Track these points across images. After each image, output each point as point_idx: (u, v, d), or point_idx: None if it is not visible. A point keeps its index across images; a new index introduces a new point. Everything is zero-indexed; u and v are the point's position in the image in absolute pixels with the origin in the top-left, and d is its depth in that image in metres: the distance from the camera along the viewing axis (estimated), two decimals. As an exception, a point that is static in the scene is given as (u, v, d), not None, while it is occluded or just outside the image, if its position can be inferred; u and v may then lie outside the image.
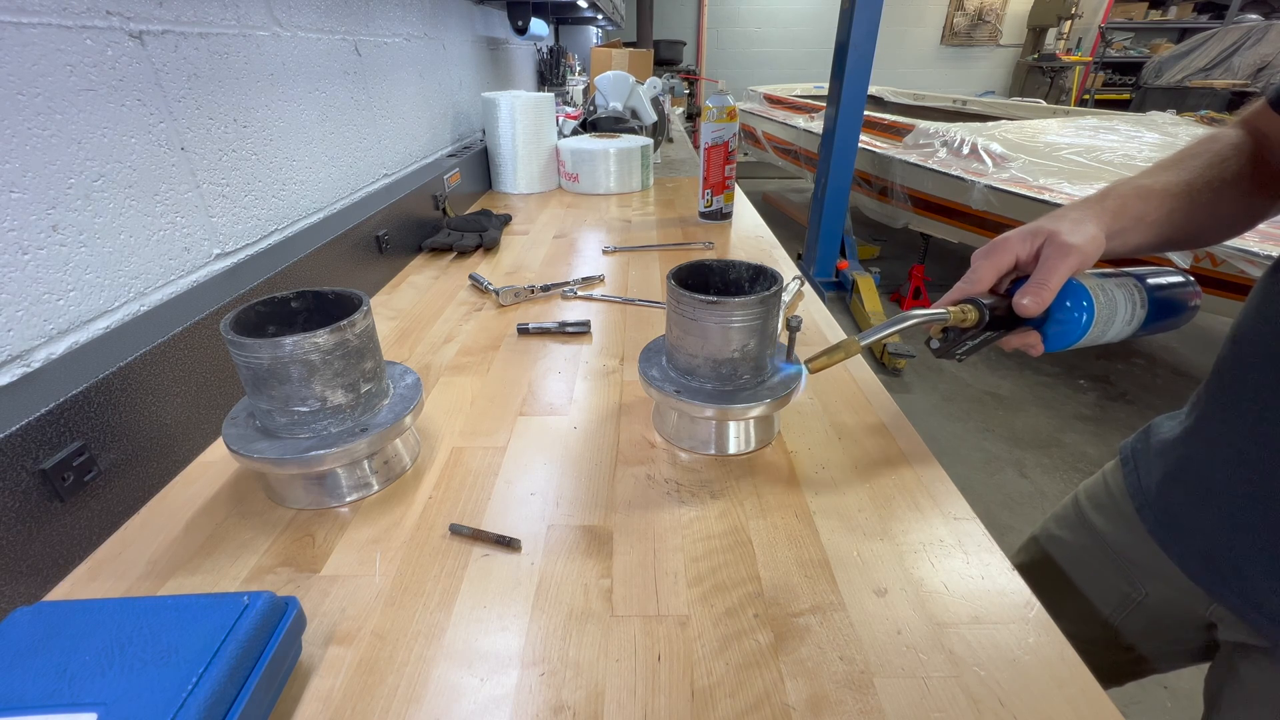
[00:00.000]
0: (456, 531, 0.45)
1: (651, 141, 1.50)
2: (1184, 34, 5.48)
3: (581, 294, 0.86)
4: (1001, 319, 0.47)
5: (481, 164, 1.43)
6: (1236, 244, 1.66)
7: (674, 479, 0.50)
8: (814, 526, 0.45)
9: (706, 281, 0.55)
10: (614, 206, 1.32)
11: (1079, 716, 0.32)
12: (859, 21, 2.26)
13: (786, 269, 0.92)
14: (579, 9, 2.28)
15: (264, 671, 0.31)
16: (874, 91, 4.33)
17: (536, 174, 1.44)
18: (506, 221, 1.19)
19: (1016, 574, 0.41)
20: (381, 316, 0.80)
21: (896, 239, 3.83)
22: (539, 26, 1.99)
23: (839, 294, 2.99)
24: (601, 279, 0.92)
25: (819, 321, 0.78)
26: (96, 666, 0.29)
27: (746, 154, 4.62)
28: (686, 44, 5.35)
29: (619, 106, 1.71)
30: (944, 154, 2.60)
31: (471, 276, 0.90)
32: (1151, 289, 0.49)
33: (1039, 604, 0.39)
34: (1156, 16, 5.63)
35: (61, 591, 0.40)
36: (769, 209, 4.78)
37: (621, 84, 1.71)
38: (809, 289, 0.85)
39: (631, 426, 0.57)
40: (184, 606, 0.33)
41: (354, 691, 0.34)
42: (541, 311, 0.82)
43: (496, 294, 0.84)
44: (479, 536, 0.44)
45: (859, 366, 0.66)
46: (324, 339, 0.43)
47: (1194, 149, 0.51)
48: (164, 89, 0.58)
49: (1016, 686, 0.34)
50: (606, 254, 1.03)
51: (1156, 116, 2.81)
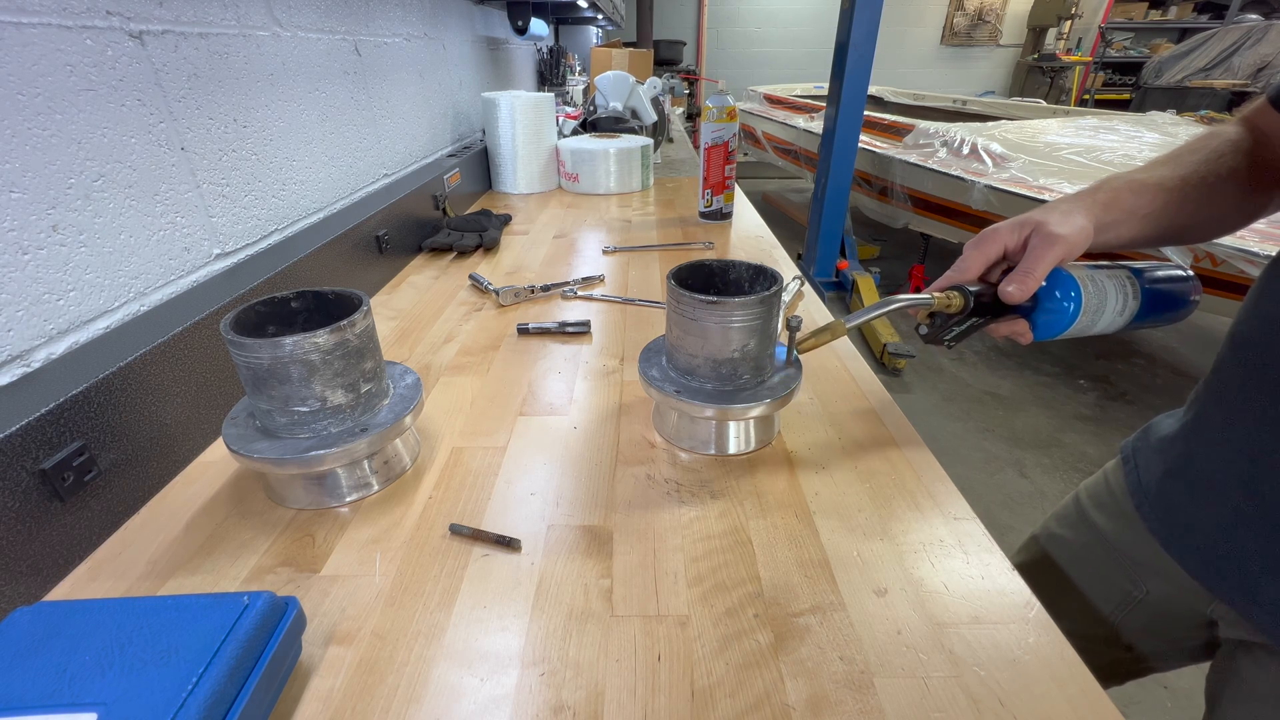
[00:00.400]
0: (456, 531, 0.45)
1: (651, 141, 1.50)
2: (1184, 34, 5.48)
3: (581, 294, 0.86)
4: (988, 305, 0.48)
5: (481, 164, 1.43)
6: (1237, 244, 1.66)
7: (674, 479, 0.50)
8: (814, 526, 0.45)
9: (706, 281, 0.55)
10: (614, 206, 1.32)
11: (1079, 716, 0.32)
12: (859, 21, 2.26)
13: (786, 269, 0.92)
14: (579, 9, 2.28)
15: (264, 671, 0.31)
16: (874, 91, 4.33)
17: (536, 174, 1.44)
18: (506, 221, 1.19)
19: (1016, 574, 0.41)
20: (381, 316, 0.80)
21: (896, 239, 3.83)
22: (539, 26, 1.99)
23: (839, 294, 3.00)
24: (601, 279, 0.92)
25: (819, 321, 0.78)
26: (96, 666, 0.29)
27: (746, 154, 4.62)
28: (686, 44, 5.35)
29: (619, 106, 1.71)
30: (944, 154, 2.60)
31: (471, 276, 0.90)
32: (1145, 281, 0.50)
33: (1039, 604, 0.39)
34: (1156, 16, 5.63)
35: (61, 591, 0.40)
36: (769, 209, 4.78)
37: (621, 84, 1.71)
38: (809, 289, 0.85)
39: (631, 426, 0.57)
40: (184, 606, 0.33)
41: (354, 691, 0.34)
42: (541, 311, 0.82)
43: (496, 294, 0.84)
44: (479, 536, 0.44)
45: (859, 366, 0.66)
46: (324, 339, 0.43)
47: (1192, 145, 0.51)
48: (164, 89, 0.58)
49: (1016, 686, 0.34)
50: (606, 254, 1.03)
51: (1156, 116, 2.81)
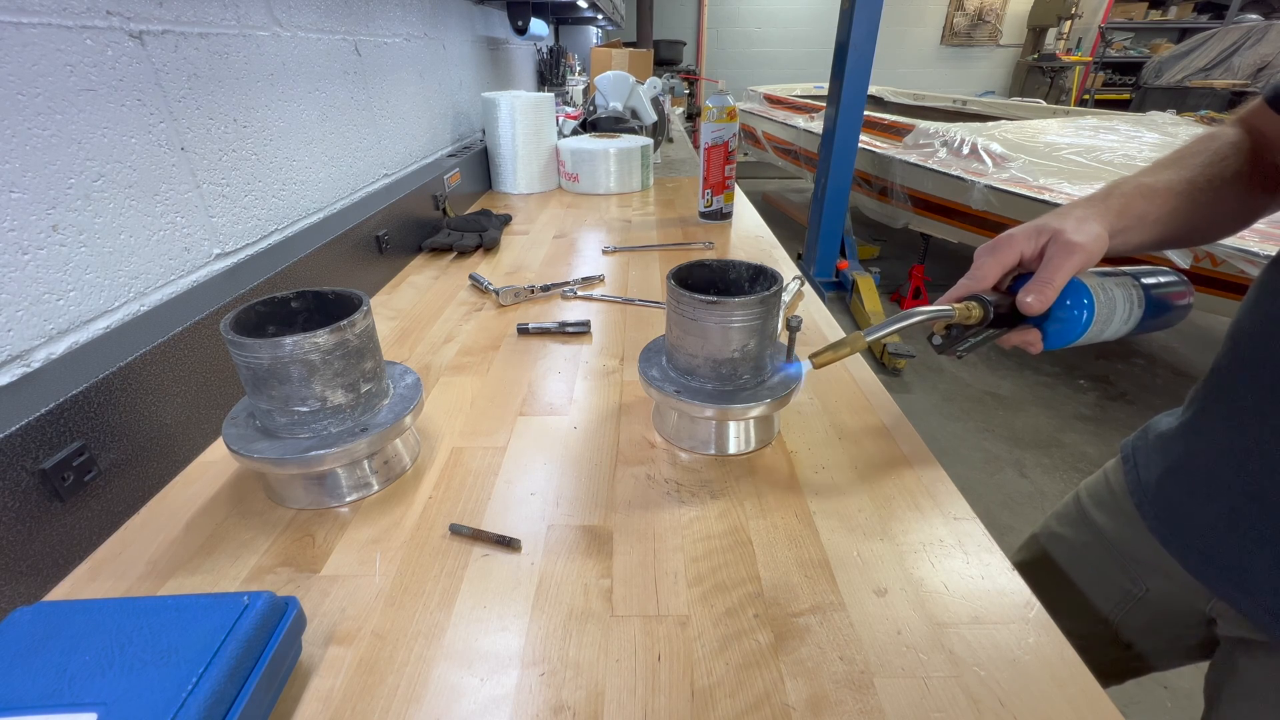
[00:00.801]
0: (456, 531, 0.45)
1: (651, 141, 1.50)
2: (1184, 34, 5.48)
3: (581, 294, 0.86)
4: (1004, 316, 0.47)
5: (481, 164, 1.43)
6: (1236, 244, 1.66)
7: (674, 479, 0.50)
8: (814, 526, 0.45)
9: (706, 281, 0.55)
10: (614, 206, 1.32)
11: (1079, 716, 0.32)
12: (859, 21, 2.26)
13: (786, 269, 0.92)
14: (579, 9, 2.28)
15: (264, 671, 0.31)
16: (874, 91, 4.33)
17: (536, 174, 1.44)
18: (506, 221, 1.19)
19: (1016, 574, 0.41)
20: (381, 316, 0.80)
21: (896, 239, 3.83)
22: (539, 26, 1.99)
23: (839, 294, 3.00)
24: (601, 279, 0.92)
25: (819, 321, 0.78)
26: (96, 666, 0.29)
27: (746, 154, 4.62)
28: (686, 44, 5.35)
29: (619, 106, 1.71)
30: (944, 154, 2.60)
31: (471, 276, 0.90)
32: (1148, 288, 0.50)
33: (1039, 604, 0.39)
34: (1156, 16, 5.63)
35: (61, 591, 0.40)
36: (769, 209, 4.78)
37: (621, 84, 1.71)
38: (809, 289, 0.85)
39: (631, 426, 0.57)
40: (184, 606, 0.33)
41: (354, 691, 0.34)
42: (541, 311, 0.82)
43: (496, 294, 0.84)
44: (479, 536, 0.44)
45: (859, 366, 0.66)
46: (324, 339, 0.43)
47: (1193, 147, 0.51)
48: (164, 89, 0.58)
49: (1016, 686, 0.34)
50: (606, 254, 1.03)
51: (1156, 116, 2.81)
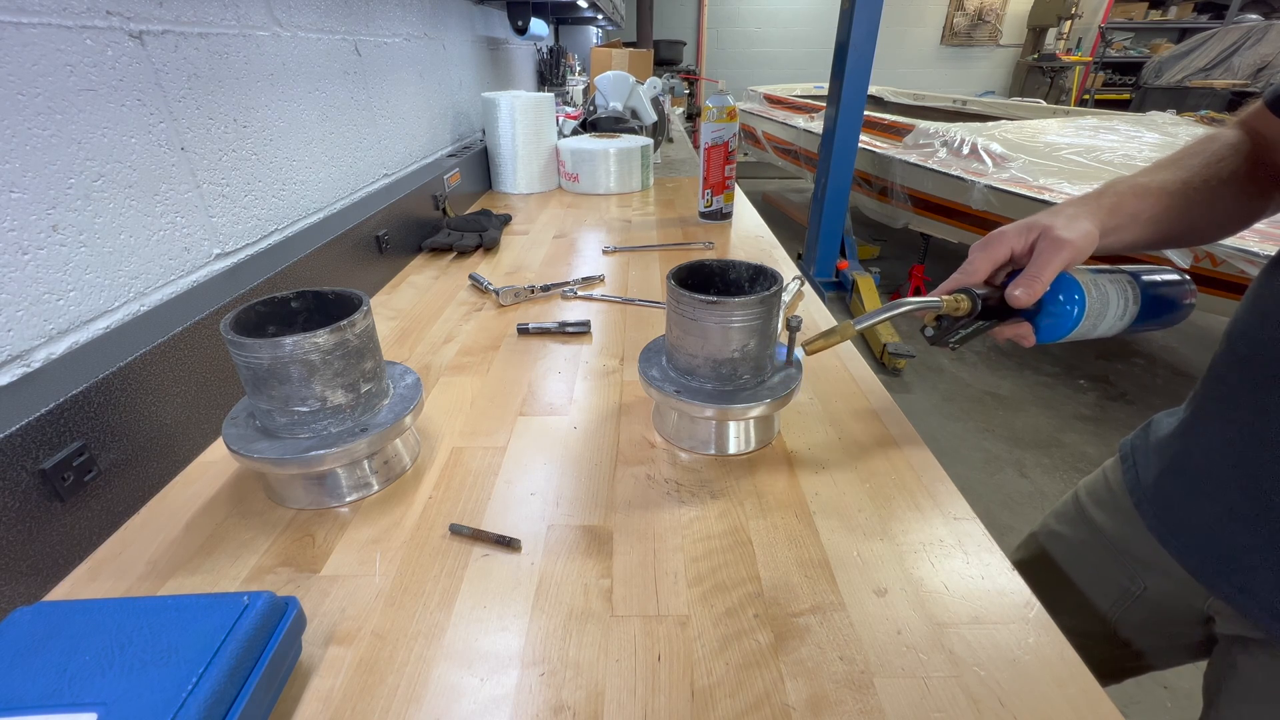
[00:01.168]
0: (456, 531, 0.45)
1: (651, 141, 1.50)
2: (1184, 34, 5.48)
3: (581, 294, 0.86)
4: (994, 309, 0.48)
5: (481, 164, 1.43)
6: (1236, 244, 1.66)
7: (674, 479, 0.50)
8: (814, 526, 0.45)
9: (706, 281, 0.55)
10: (614, 206, 1.32)
11: (1079, 716, 0.32)
12: (859, 21, 2.26)
13: (786, 269, 0.92)
14: (579, 9, 2.28)
15: (264, 671, 0.31)
16: (874, 91, 4.33)
17: (536, 174, 1.44)
18: (506, 221, 1.19)
19: (1016, 574, 0.41)
20: (381, 316, 0.80)
21: (896, 239, 3.83)
22: (539, 26, 1.99)
23: (839, 294, 3.00)
24: (601, 279, 0.92)
25: (819, 321, 0.78)
26: (96, 666, 0.29)
27: (746, 154, 4.62)
28: (686, 44, 5.35)
29: (619, 106, 1.71)
30: (944, 154, 2.60)
31: (471, 276, 0.90)
32: (1145, 286, 0.50)
33: (1039, 604, 0.39)
34: (1156, 16, 5.63)
35: (61, 591, 0.40)
36: (769, 209, 4.78)
37: (621, 84, 1.71)
38: (809, 289, 0.85)
39: (631, 426, 0.57)
40: (184, 606, 0.33)
41: (354, 691, 0.34)
42: (541, 311, 0.82)
43: (496, 294, 0.84)
44: (479, 536, 0.44)
45: (859, 366, 0.66)
46: (324, 339, 0.43)
47: (1192, 148, 0.51)
48: (164, 89, 0.58)
49: (1016, 686, 0.34)
50: (606, 254, 1.03)
51: (1156, 116, 2.81)
